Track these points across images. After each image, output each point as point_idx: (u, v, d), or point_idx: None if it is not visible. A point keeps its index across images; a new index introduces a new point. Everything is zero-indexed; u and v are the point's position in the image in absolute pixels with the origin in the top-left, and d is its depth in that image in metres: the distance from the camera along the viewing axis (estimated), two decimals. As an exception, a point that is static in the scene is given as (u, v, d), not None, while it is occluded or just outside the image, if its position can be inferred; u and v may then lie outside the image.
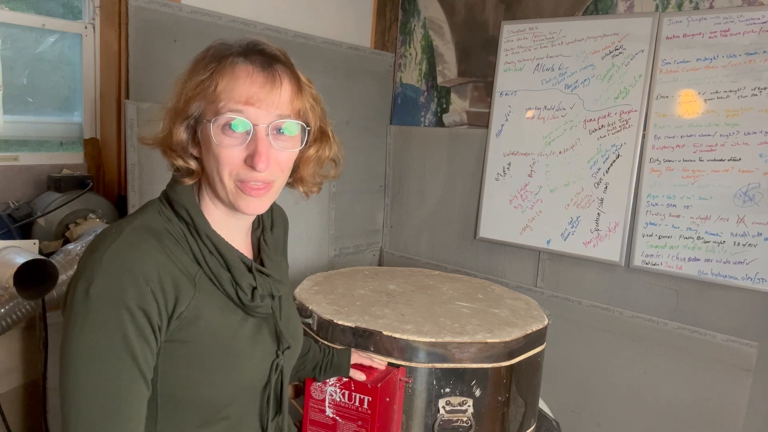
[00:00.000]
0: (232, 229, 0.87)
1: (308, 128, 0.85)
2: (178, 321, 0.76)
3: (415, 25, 2.79)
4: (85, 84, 1.89)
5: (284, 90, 0.80)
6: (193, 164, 0.83)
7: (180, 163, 0.83)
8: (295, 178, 0.92)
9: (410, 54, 2.82)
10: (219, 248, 0.83)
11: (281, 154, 0.81)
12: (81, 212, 1.72)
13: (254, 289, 0.85)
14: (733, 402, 1.96)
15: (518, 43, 2.41)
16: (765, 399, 1.92)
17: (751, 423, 1.94)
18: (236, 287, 0.83)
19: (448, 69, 2.68)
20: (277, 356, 0.89)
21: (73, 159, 1.89)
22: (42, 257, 1.40)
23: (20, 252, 1.40)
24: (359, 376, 1.28)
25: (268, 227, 0.97)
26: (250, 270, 0.86)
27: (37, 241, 1.56)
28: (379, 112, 2.84)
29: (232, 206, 0.83)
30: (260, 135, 0.78)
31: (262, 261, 0.92)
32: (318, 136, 0.89)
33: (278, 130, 0.80)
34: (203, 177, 0.84)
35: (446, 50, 2.68)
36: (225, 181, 0.80)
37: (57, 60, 1.84)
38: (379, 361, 1.34)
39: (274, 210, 1.00)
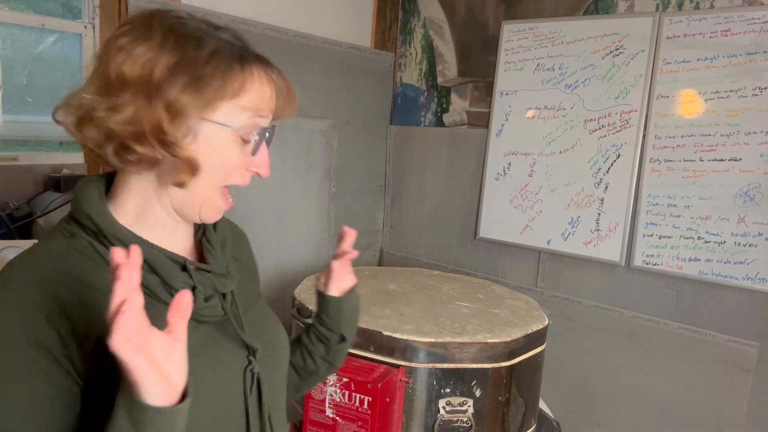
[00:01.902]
0: (176, 229, 0.77)
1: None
2: (99, 346, 0.61)
3: (415, 25, 2.79)
4: (85, 84, 1.89)
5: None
6: (159, 152, 0.68)
7: (145, 150, 0.68)
8: None
9: (410, 54, 2.81)
10: None
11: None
12: (81, 212, 1.72)
13: (194, 288, 0.73)
14: (733, 402, 1.96)
15: (518, 42, 2.41)
16: (765, 399, 1.91)
17: (751, 423, 1.94)
18: (170, 290, 0.70)
19: (448, 69, 2.68)
20: (250, 362, 0.77)
21: (72, 159, 1.89)
22: (41, 257, 1.40)
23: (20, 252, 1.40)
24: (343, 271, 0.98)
25: (210, 227, 0.83)
26: (184, 269, 0.73)
27: (36, 241, 1.56)
28: (379, 112, 2.84)
29: (185, 215, 0.75)
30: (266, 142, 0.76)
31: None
32: None
33: None
34: (155, 169, 0.71)
35: (446, 50, 2.68)
36: (209, 188, 0.73)
37: (56, 60, 1.84)
38: (348, 248, 0.98)
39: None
